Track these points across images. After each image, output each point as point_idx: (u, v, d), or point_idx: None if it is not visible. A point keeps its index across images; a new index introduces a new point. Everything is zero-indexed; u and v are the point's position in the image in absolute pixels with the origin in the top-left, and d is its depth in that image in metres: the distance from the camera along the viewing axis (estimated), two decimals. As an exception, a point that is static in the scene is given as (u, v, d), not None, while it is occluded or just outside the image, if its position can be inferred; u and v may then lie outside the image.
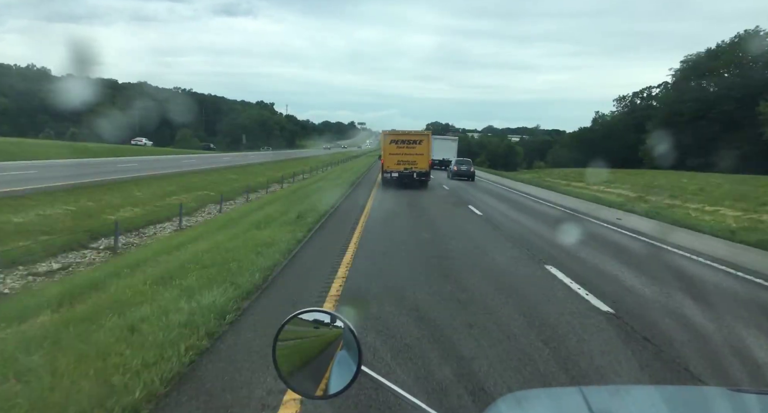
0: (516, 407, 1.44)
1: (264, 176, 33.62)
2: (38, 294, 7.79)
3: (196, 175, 32.25)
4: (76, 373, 3.66)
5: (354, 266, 7.74)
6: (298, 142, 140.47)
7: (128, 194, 21.07)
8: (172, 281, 6.54)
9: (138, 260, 9.49)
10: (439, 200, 20.23)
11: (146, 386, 3.56)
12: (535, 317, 5.66)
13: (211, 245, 9.58)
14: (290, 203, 16.97)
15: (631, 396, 1.51)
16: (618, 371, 4.31)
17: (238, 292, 5.94)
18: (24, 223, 13.48)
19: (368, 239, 10.11)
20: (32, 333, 4.87)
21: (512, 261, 8.86)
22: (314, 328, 1.50)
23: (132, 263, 9.14)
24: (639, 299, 6.75)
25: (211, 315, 5.01)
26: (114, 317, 5.02)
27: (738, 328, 5.65)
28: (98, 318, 5.05)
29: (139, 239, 14.42)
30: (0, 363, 3.96)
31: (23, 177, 21.59)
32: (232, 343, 4.63)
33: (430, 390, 3.77)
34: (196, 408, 3.49)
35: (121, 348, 4.15)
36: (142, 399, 3.43)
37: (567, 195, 27.25)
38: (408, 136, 25.22)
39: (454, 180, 32.95)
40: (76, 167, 29.00)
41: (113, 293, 6.44)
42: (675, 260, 10.06)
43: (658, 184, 32.35)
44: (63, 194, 18.46)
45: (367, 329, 4.90)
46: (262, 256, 7.89)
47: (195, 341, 4.45)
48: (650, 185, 31.72)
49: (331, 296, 6.06)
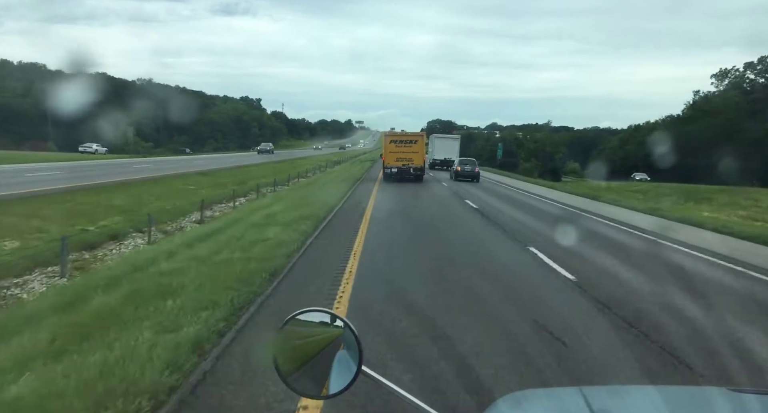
0: (516, 407, 1.44)
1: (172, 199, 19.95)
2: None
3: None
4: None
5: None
6: (282, 141, 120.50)
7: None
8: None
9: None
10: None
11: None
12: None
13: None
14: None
15: (631, 396, 1.52)
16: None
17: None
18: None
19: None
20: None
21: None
22: (314, 328, 1.51)
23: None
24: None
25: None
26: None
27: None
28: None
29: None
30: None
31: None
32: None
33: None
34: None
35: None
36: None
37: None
38: (405, 136, 30.60)
39: (459, 182, 31.42)
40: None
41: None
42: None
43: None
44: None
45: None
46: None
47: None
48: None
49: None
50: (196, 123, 79.99)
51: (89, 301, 6.06)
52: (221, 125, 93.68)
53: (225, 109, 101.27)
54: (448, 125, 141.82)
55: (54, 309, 5.92)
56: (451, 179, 32.83)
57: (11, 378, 3.88)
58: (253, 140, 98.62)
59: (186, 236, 11.99)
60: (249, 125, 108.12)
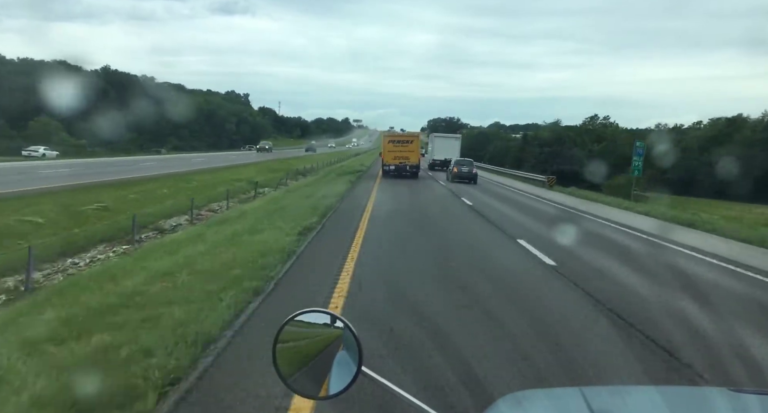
0: (516, 407, 1.44)
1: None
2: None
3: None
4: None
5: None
6: (268, 139, 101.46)
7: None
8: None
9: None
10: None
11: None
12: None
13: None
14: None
15: (631, 397, 1.52)
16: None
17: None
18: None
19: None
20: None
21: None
22: (314, 329, 1.51)
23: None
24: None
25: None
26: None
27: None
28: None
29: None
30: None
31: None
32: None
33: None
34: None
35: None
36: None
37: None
38: (401, 137, 35.67)
39: (465, 186, 29.13)
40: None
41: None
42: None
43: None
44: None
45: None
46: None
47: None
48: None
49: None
50: (160, 119, 62.79)
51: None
52: (191, 120, 73.40)
53: (184, 103, 70.22)
54: (451, 124, 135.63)
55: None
56: (448, 181, 31.71)
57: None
58: (227, 138, 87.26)
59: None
60: (225, 120, 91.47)
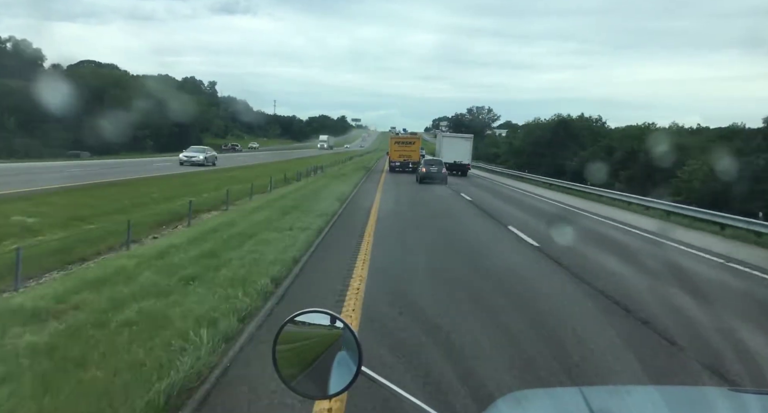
0: (516, 407, 1.44)
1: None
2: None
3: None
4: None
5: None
6: (234, 140, 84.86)
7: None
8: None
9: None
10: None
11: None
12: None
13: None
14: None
15: (631, 396, 1.52)
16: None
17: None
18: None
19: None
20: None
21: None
22: (314, 329, 1.51)
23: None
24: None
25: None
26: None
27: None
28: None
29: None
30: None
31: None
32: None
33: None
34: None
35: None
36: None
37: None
38: (405, 138, 44.71)
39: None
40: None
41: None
42: None
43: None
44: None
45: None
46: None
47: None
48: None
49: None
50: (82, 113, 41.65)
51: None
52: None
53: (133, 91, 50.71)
54: (459, 123, 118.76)
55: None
56: (417, 182, 29.44)
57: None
58: (186, 140, 51.29)
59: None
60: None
